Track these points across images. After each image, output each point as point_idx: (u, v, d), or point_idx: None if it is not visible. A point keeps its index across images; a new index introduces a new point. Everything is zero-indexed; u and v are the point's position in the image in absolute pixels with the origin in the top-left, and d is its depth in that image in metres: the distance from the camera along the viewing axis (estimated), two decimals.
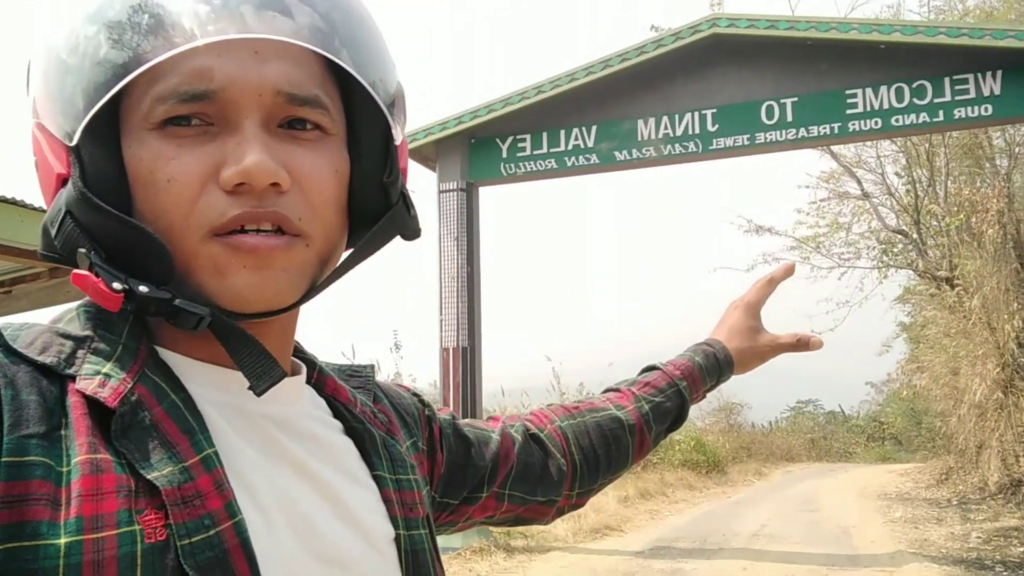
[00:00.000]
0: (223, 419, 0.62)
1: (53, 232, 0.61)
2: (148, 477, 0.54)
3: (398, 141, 0.68)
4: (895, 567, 7.51)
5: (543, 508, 1.02)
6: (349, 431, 0.74)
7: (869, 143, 16.88)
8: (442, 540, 1.03)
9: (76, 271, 0.60)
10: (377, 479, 0.72)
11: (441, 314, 8.54)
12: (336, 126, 0.64)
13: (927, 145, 16.75)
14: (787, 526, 10.33)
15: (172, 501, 0.54)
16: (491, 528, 7.70)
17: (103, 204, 0.58)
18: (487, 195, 9.07)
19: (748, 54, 8.07)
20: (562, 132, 8.53)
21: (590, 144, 8.45)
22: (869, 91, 7.69)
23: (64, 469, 0.52)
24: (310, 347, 0.80)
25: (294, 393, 0.70)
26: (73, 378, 0.57)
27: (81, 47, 0.58)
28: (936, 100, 7.51)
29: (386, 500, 0.72)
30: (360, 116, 0.66)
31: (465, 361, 8.42)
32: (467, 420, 0.98)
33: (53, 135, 0.60)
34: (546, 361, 15.31)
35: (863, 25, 7.66)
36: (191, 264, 0.59)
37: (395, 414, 0.84)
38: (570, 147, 8.51)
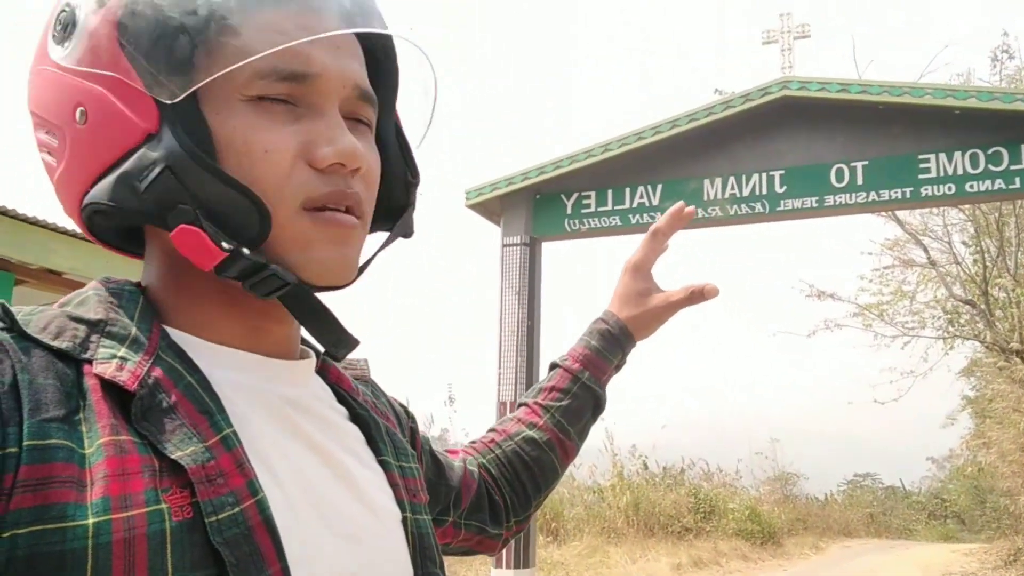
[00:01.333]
0: (240, 399, 0.63)
1: (142, 187, 0.60)
2: (173, 457, 0.55)
3: (417, 148, 0.73)
4: None
5: (492, 542, 1.04)
6: (354, 418, 0.76)
7: (936, 211, 16.61)
8: None
9: (183, 226, 0.60)
10: (383, 463, 0.74)
11: (500, 368, 8.49)
12: (373, 125, 0.69)
13: (996, 215, 16.41)
14: None
15: (198, 479, 0.55)
16: None
17: (215, 164, 0.59)
18: (548, 251, 9.04)
19: (817, 117, 8.01)
20: (627, 190, 8.53)
21: (655, 202, 8.42)
22: (943, 156, 7.55)
23: (86, 451, 0.53)
24: None
25: (307, 376, 0.72)
26: (90, 362, 0.57)
27: (204, 8, 0.60)
28: (1012, 167, 7.34)
29: (392, 484, 0.73)
30: (383, 117, 0.72)
31: None
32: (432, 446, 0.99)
33: (139, 90, 0.60)
34: (599, 422, 15.11)
35: (937, 90, 7.57)
36: (279, 234, 0.61)
37: (391, 411, 0.87)
38: (635, 205, 8.50)
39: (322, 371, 0.77)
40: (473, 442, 1.10)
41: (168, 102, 0.59)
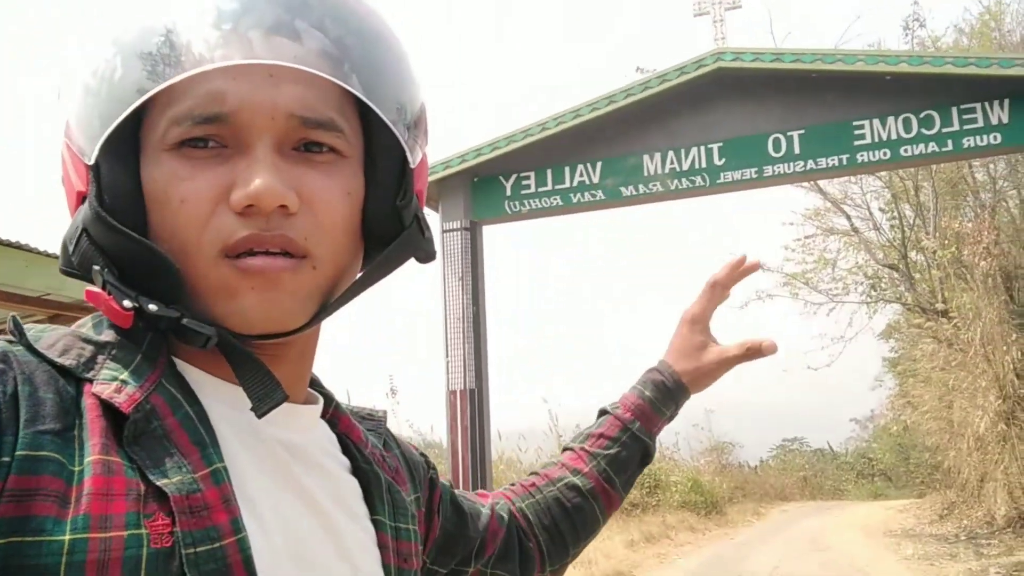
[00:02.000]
0: (235, 437, 0.62)
1: (71, 249, 0.62)
2: (158, 483, 0.54)
3: (414, 164, 0.68)
4: None
5: None
6: (356, 471, 0.74)
7: (854, 179, 17.01)
8: None
9: (89, 288, 0.61)
10: (376, 523, 0.72)
11: (447, 356, 8.32)
12: (352, 149, 0.65)
13: (913, 180, 16.89)
14: (800, 567, 10.09)
15: (180, 509, 0.54)
16: None
17: (115, 222, 0.59)
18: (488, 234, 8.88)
19: (753, 88, 8.01)
20: (567, 169, 8.42)
21: (595, 180, 8.34)
22: (877, 122, 7.64)
23: (76, 468, 0.53)
24: None
25: (309, 423, 0.71)
26: (91, 381, 0.57)
27: (100, 69, 0.60)
28: (944, 130, 7.47)
29: (382, 546, 0.71)
30: (377, 138, 0.66)
31: (473, 404, 8.18)
32: (460, 491, 0.97)
33: (76, 155, 0.62)
34: (543, 403, 15.10)
35: (869, 57, 7.65)
36: (201, 284, 0.60)
37: (404, 465, 0.84)
38: (575, 184, 8.39)
39: (333, 419, 0.76)
40: (512, 484, 1.06)
41: (88, 163, 0.60)
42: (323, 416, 0.75)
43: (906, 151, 7.58)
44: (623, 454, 1.05)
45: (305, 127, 0.61)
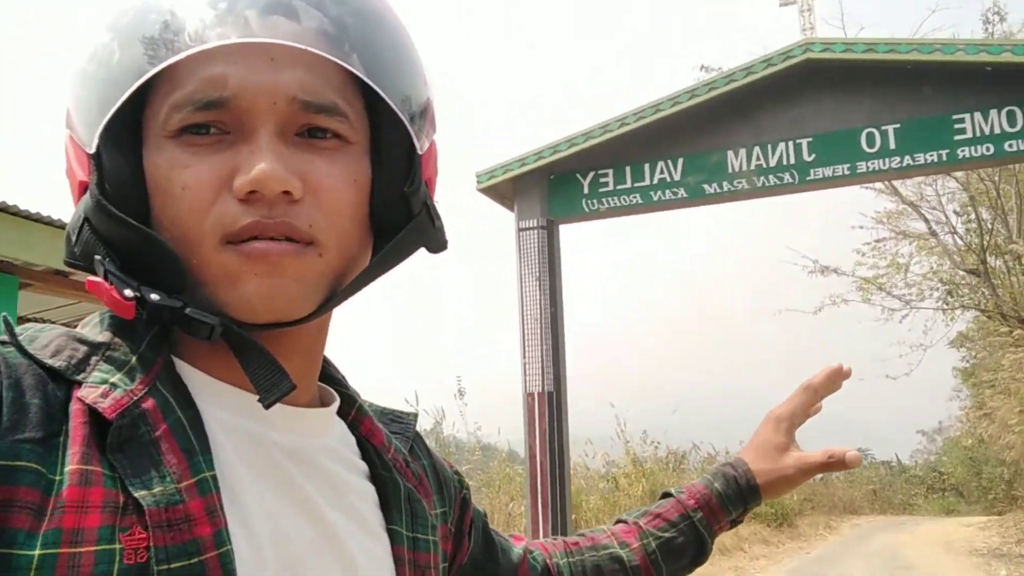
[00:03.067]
0: (230, 443, 0.60)
1: (73, 239, 0.62)
2: (135, 495, 0.52)
3: (422, 150, 0.66)
4: None
5: None
6: (375, 477, 0.72)
7: (929, 180, 16.40)
8: None
9: (91, 278, 0.60)
10: (391, 533, 0.70)
11: (524, 358, 8.12)
12: (357, 134, 0.63)
13: (993, 181, 16.25)
14: None
15: (155, 523, 0.52)
16: None
17: (116, 211, 0.58)
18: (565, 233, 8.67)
19: (843, 79, 7.69)
20: (646, 166, 8.17)
21: (677, 177, 8.07)
22: (979, 115, 7.25)
23: (57, 478, 0.51)
24: (376, 393, 0.80)
25: (317, 425, 0.68)
26: (80, 384, 0.56)
27: (98, 55, 0.59)
28: None
29: (396, 557, 0.69)
30: (384, 124, 0.65)
31: (552, 406, 7.97)
32: (493, 528, 0.94)
33: (78, 144, 0.61)
34: (610, 408, 14.83)
35: (970, 46, 7.27)
36: (204, 273, 0.59)
37: (431, 477, 0.82)
38: (655, 181, 8.14)
39: (354, 422, 0.74)
40: (554, 538, 1.03)
41: (90, 152, 0.59)
42: (344, 419, 0.74)
43: (1011, 146, 7.18)
44: (678, 540, 1.00)
45: (307, 112, 0.60)
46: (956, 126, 7.33)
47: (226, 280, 0.59)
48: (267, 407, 0.59)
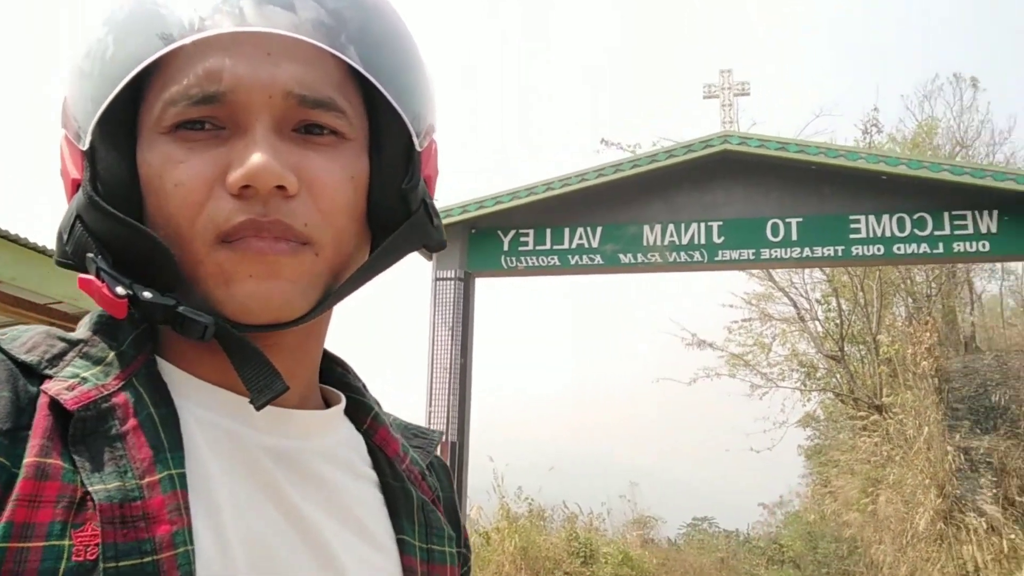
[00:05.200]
0: (206, 442, 0.58)
1: (65, 238, 0.60)
2: (89, 489, 0.50)
3: (420, 146, 0.65)
4: None
5: None
6: (384, 486, 0.69)
7: (796, 270, 17.58)
8: None
9: (82, 276, 0.59)
10: (401, 543, 0.67)
11: (430, 406, 8.17)
12: (355, 131, 0.62)
13: (859, 276, 17.54)
14: None
15: (107, 518, 0.50)
16: None
17: (109, 208, 0.57)
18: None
19: (755, 171, 8.26)
20: (566, 230, 8.47)
21: (595, 244, 8.40)
22: (872, 218, 7.93)
23: (16, 471, 0.50)
24: None
25: (309, 427, 0.66)
26: (52, 378, 0.55)
27: (93, 51, 0.58)
28: (936, 232, 7.80)
29: (407, 568, 0.66)
30: (383, 120, 0.63)
31: (453, 456, 8.02)
32: None
33: (72, 142, 0.60)
34: (489, 462, 14.89)
35: (870, 155, 7.98)
36: (198, 271, 0.58)
37: (445, 505, 0.78)
38: (574, 245, 8.45)
39: (369, 430, 0.72)
40: None
41: (83, 148, 0.58)
42: (360, 425, 0.72)
43: (899, 249, 7.87)
44: None
45: (304, 107, 0.59)
46: (852, 226, 7.98)
47: (220, 279, 0.58)
48: (258, 408, 0.57)
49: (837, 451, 20.37)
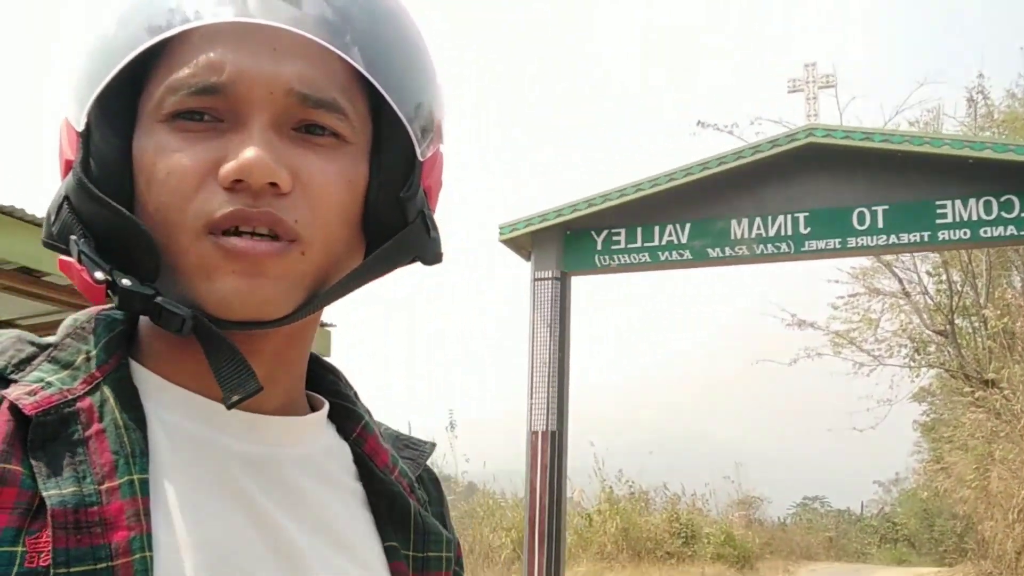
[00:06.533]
0: (172, 448, 0.57)
1: (52, 218, 0.59)
2: (44, 494, 0.50)
3: (423, 156, 0.63)
4: None
5: None
6: (370, 495, 0.68)
7: None
8: None
9: (63, 258, 0.59)
10: (388, 550, 0.66)
11: (531, 398, 8.71)
12: (357, 135, 0.61)
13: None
14: None
15: (59, 523, 0.49)
16: None
17: (95, 190, 0.57)
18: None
19: (840, 162, 8.44)
20: (656, 228, 8.85)
21: (683, 240, 8.76)
22: (958, 203, 8.03)
23: None
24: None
25: (285, 434, 0.64)
26: (17, 382, 0.55)
27: (93, 33, 0.58)
28: (1023, 214, 7.85)
29: (396, 573, 0.66)
30: (386, 126, 0.62)
31: (554, 445, 8.56)
32: None
33: (70, 124, 0.59)
34: (589, 445, 15.39)
35: (955, 141, 8.07)
36: (181, 262, 0.57)
37: (439, 519, 0.76)
38: (663, 242, 8.82)
39: (359, 439, 0.71)
40: None
41: (78, 130, 0.58)
42: (348, 434, 0.71)
43: (985, 232, 7.94)
44: None
45: (305, 106, 0.58)
46: (938, 211, 8.09)
47: (202, 272, 0.56)
48: (229, 407, 0.56)
49: (950, 427, 19.96)
